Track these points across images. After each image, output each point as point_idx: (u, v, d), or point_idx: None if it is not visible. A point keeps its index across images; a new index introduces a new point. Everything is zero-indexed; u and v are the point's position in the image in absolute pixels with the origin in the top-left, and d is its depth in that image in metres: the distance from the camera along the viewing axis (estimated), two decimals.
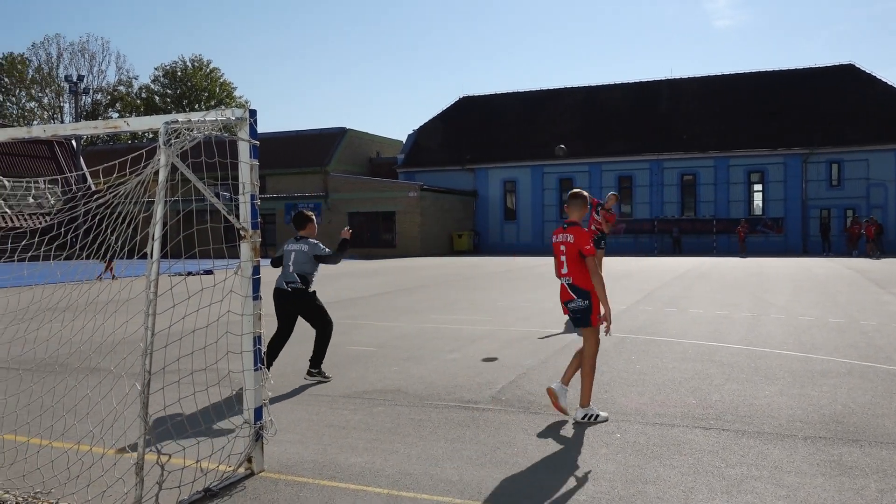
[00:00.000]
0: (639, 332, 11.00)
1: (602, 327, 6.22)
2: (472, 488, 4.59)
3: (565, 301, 6.30)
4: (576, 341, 10.17)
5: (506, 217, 49.50)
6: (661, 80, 49.92)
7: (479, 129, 51.10)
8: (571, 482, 4.69)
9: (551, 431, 5.84)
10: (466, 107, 53.88)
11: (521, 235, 48.80)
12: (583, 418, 6.07)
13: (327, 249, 7.96)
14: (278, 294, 7.81)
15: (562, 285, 6.28)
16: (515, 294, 17.66)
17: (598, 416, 6.10)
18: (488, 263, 31.56)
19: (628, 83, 50.70)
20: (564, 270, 6.25)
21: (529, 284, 20.52)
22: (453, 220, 46.85)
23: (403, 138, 55.28)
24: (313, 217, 8.23)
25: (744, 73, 47.92)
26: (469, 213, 49.38)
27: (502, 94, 53.94)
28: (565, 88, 52.37)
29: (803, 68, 46.25)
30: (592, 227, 13.95)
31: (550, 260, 28.29)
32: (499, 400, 6.88)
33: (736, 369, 8.17)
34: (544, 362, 8.70)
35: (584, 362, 6.20)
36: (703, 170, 44.98)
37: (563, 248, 6.25)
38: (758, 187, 44.54)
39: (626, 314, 13.32)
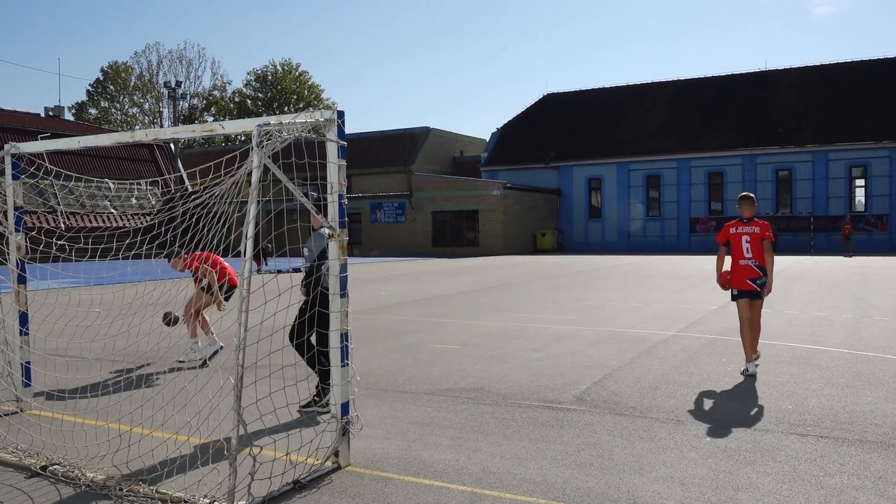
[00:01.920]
0: (730, 334, 10.63)
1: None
2: (556, 489, 4.55)
3: (750, 278, 7.85)
4: (662, 342, 9.94)
5: (590, 215, 48.79)
6: (755, 72, 48.12)
7: (564, 126, 50.56)
8: (659, 486, 4.58)
9: (638, 434, 5.72)
10: (551, 104, 53.41)
11: (607, 234, 47.98)
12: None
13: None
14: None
15: (745, 266, 7.87)
16: (600, 293, 17.39)
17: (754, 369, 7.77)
18: (572, 262, 31.20)
19: (720, 76, 49.13)
20: (749, 255, 7.86)
21: (615, 283, 20.16)
22: (537, 218, 46.53)
23: (487, 137, 55.33)
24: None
25: (845, 63, 45.62)
26: (553, 211, 48.93)
27: (587, 90, 53.22)
28: (653, 83, 51.17)
29: None
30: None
31: (638, 258, 27.68)
32: (583, 400, 6.80)
33: (836, 373, 7.79)
34: (630, 363, 8.53)
35: (757, 323, 7.95)
36: (800, 164, 43.04)
37: (746, 238, 7.89)
38: (860, 182, 42.26)
39: (717, 315, 12.90)
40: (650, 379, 7.67)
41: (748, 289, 7.85)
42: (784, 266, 27.20)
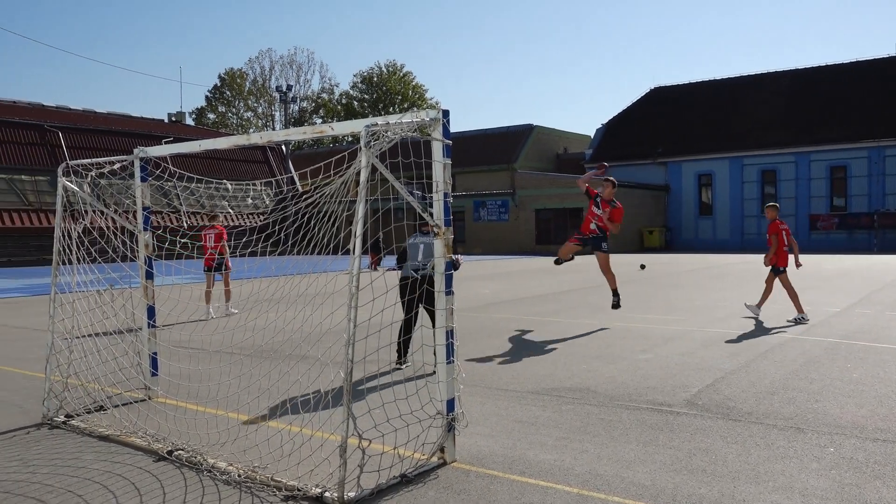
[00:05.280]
0: (855, 338, 10.00)
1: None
2: (665, 494, 4.42)
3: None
4: (779, 345, 9.46)
5: (701, 212, 47.07)
6: (883, 58, 44.95)
7: (672, 120, 49.00)
8: (777, 497, 4.37)
9: (754, 440, 5.47)
10: (658, 98, 51.90)
11: (718, 231, 46.17)
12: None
13: None
14: (406, 283, 7.75)
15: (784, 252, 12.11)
16: (712, 293, 16.75)
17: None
18: (681, 260, 30.20)
19: (843, 63, 46.22)
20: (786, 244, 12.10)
21: (728, 283, 19.36)
22: (644, 215, 45.30)
23: (592, 133, 54.41)
24: None
25: None
26: (661, 208, 47.53)
27: (697, 82, 51.38)
28: (767, 73, 48.79)
29: None
30: (591, 227, 12.35)
31: (752, 257, 26.55)
32: (695, 404, 6.57)
33: None
34: (745, 366, 8.17)
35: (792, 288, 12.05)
36: None
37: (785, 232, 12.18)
38: None
39: (840, 318, 12.16)
40: (767, 384, 7.32)
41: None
42: None
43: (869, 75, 44.23)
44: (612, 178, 12.53)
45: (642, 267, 15.84)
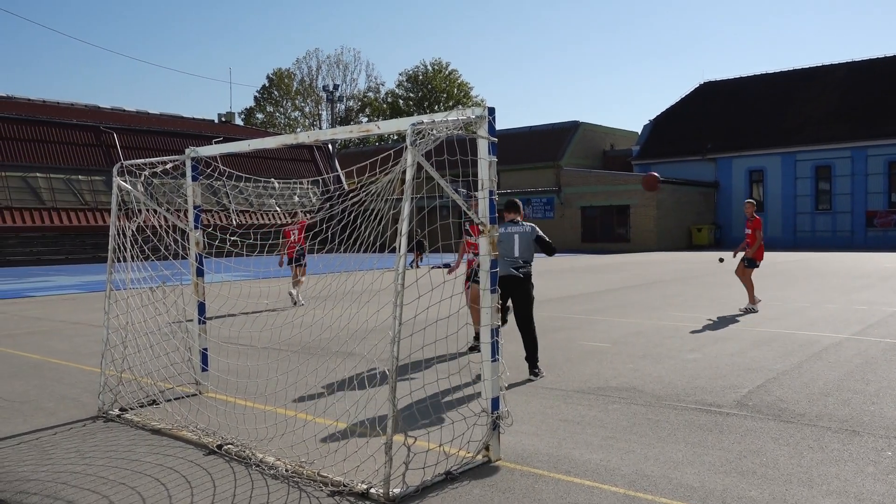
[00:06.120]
0: None
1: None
2: (714, 496, 4.34)
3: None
4: (833, 346, 9.20)
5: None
6: None
7: (722, 115, 48.00)
8: (830, 501, 4.25)
9: (807, 443, 5.33)
10: (708, 92, 50.91)
11: (770, 229, 45.00)
12: None
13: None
14: (508, 281, 7.44)
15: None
16: (763, 292, 16.37)
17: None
18: (731, 259, 29.56)
19: None
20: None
21: (780, 282, 18.90)
22: (692, 213, 44.51)
23: (639, 129, 53.64)
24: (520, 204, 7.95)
25: None
26: (710, 205, 46.63)
27: (748, 76, 50.23)
28: (822, 66, 47.43)
29: None
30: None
31: (805, 255, 25.89)
32: (745, 405, 6.43)
33: None
34: (798, 367, 7.97)
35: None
36: None
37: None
38: None
39: None
40: (820, 385, 7.13)
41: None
42: None
43: None
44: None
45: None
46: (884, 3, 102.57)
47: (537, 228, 7.65)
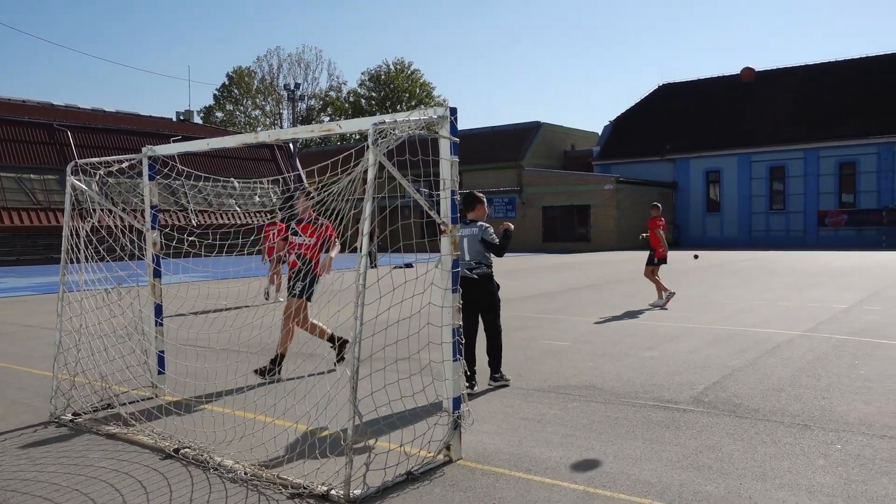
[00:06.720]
0: (862, 335, 9.96)
1: None
2: (671, 492, 4.42)
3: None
4: (786, 342, 9.43)
5: (708, 209, 46.92)
6: (892, 54, 44.70)
7: (681, 117, 48.85)
8: (784, 494, 4.36)
9: (760, 438, 5.46)
10: (667, 94, 51.75)
11: (726, 228, 46.01)
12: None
13: (495, 236, 7.21)
14: (464, 283, 6.88)
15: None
16: (719, 290, 16.70)
17: None
18: (688, 258, 30.10)
19: (853, 59, 45.96)
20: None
21: (735, 280, 19.30)
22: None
23: (599, 130, 54.25)
24: (484, 198, 7.46)
25: None
26: (668, 205, 47.38)
27: (706, 79, 51.19)
28: (778, 69, 48.55)
29: None
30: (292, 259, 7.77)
31: (760, 254, 26.47)
32: (701, 401, 6.55)
33: None
34: (752, 363, 8.15)
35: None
36: None
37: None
38: None
39: (847, 314, 12.11)
40: (774, 381, 7.30)
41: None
42: None
43: (878, 71, 43.97)
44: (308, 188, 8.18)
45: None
46: (835, 9, 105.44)
47: (488, 229, 7.16)
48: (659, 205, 14.69)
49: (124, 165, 6.98)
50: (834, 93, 44.47)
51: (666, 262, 14.24)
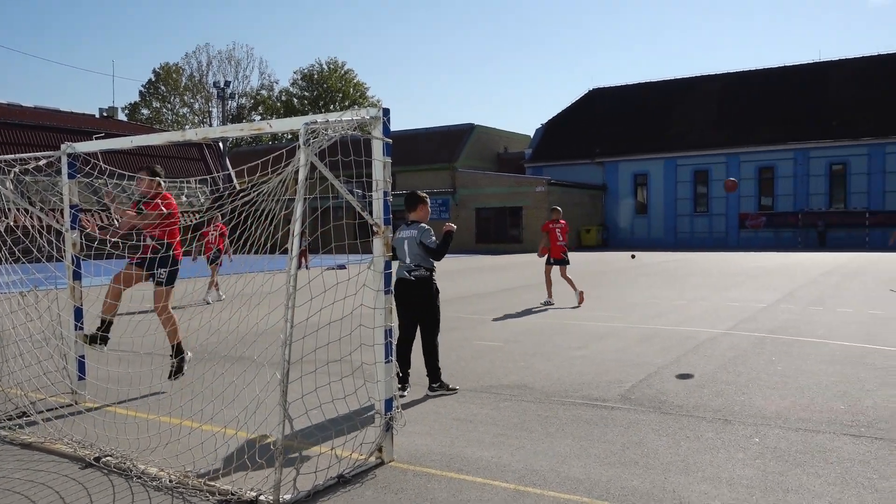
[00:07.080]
0: (779, 332, 10.40)
1: None
2: (599, 487, 4.51)
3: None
4: (709, 340, 9.76)
5: (637, 211, 48.17)
6: (808, 64, 46.96)
7: (610, 121, 50.01)
8: (705, 486, 4.51)
9: (684, 433, 5.64)
10: (597, 99, 52.89)
11: (653, 230, 47.35)
12: None
13: (435, 239, 7.05)
14: (400, 285, 7.00)
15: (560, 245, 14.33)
16: (645, 290, 17.16)
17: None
18: (617, 259, 30.83)
19: (772, 68, 48.04)
20: (562, 240, 14.35)
21: (661, 280, 19.87)
22: (582, 214, 46.10)
23: (531, 133, 55.01)
24: (426, 198, 7.34)
25: None
26: (598, 207, 48.47)
27: (634, 84, 52.58)
28: (702, 76, 50.32)
29: None
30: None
31: (685, 255, 27.10)
32: (628, 399, 6.72)
33: (893, 374, 7.55)
34: (676, 361, 8.41)
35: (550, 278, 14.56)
36: (856, 158, 41.85)
37: (559, 230, 14.40)
38: None
39: (765, 313, 12.62)
40: (697, 377, 7.55)
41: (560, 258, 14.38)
42: (838, 263, 26.45)
43: (795, 80, 46.06)
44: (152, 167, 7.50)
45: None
46: (756, 20, 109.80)
47: (428, 231, 7.03)
48: (559, 208, 15.06)
49: (41, 163, 6.70)
50: (752, 100, 46.32)
51: (563, 262, 14.39)
